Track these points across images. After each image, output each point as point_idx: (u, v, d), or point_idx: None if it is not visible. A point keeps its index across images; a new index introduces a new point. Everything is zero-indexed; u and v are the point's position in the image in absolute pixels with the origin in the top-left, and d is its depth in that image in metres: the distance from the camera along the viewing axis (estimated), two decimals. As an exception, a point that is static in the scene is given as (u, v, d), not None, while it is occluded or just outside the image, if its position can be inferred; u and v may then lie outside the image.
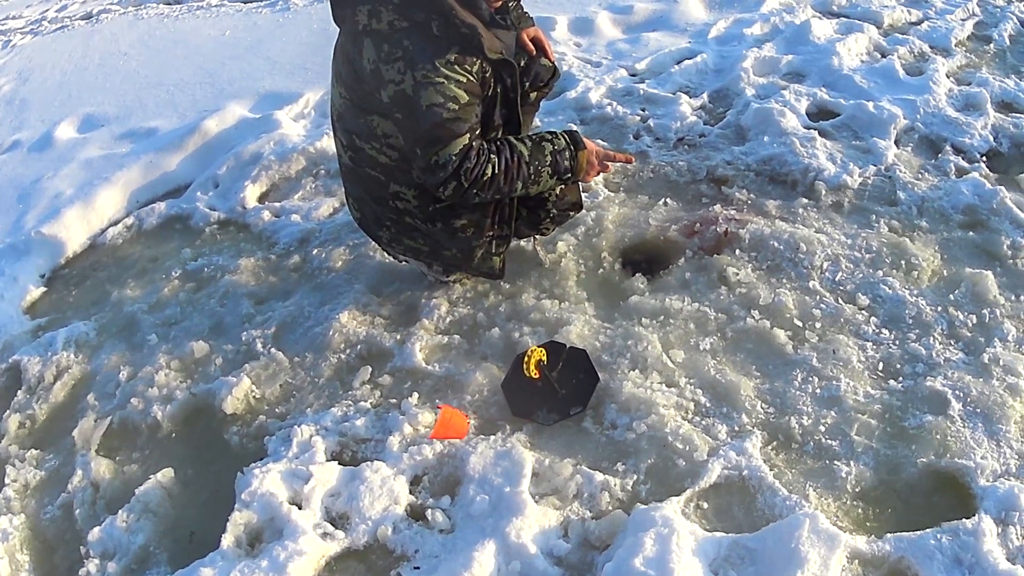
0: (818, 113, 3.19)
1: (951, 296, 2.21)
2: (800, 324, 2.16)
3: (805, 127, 3.03)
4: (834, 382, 1.98)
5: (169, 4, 6.34)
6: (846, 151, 2.89)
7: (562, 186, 2.14)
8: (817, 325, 2.15)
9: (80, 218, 3.18)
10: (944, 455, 1.78)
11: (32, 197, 3.37)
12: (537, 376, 1.95)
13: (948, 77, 3.34)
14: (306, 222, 2.93)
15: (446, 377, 2.14)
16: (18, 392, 2.41)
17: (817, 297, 2.24)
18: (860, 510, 1.71)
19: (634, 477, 1.81)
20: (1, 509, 2.04)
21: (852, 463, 1.78)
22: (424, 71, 1.77)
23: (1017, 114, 3.07)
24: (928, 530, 1.60)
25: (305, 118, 3.78)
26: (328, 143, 3.29)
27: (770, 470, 1.77)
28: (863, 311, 2.18)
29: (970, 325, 2.11)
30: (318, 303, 2.49)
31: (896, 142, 2.93)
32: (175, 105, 4.10)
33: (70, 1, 7.12)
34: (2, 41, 6.19)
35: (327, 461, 1.92)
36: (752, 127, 3.07)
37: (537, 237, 2.47)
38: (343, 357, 2.27)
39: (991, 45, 3.69)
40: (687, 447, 1.83)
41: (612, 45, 4.08)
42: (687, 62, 3.68)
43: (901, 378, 1.99)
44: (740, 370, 2.06)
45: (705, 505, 1.74)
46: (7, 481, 2.12)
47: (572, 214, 2.36)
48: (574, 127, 2.78)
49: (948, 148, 2.87)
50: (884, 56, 3.58)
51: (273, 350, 2.32)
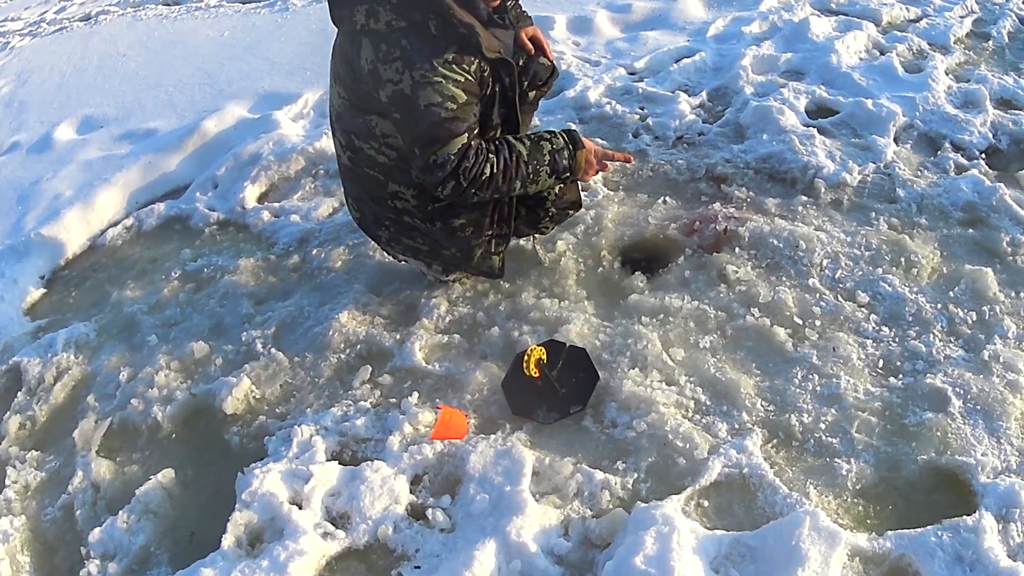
0: (817, 111, 3.18)
1: (951, 293, 2.21)
2: (800, 322, 2.16)
3: (804, 125, 3.03)
4: (834, 380, 1.98)
5: (168, 5, 6.33)
6: (845, 149, 2.89)
7: (561, 185, 2.14)
8: (817, 323, 2.15)
9: (80, 219, 3.18)
10: (944, 452, 1.78)
11: (31, 199, 3.37)
12: (537, 375, 1.95)
13: (947, 74, 3.34)
14: (305, 222, 2.93)
15: (446, 376, 2.14)
16: (18, 393, 2.41)
17: (817, 295, 2.24)
18: (861, 507, 1.71)
19: (634, 475, 1.81)
20: (2, 510, 2.04)
21: (852, 460, 1.78)
22: (422, 71, 1.77)
23: (1016, 111, 3.07)
24: (929, 527, 1.60)
25: (304, 118, 3.78)
26: (327, 143, 3.28)
27: (770, 468, 1.77)
28: (863, 308, 2.18)
29: (970, 322, 2.11)
30: (318, 303, 2.49)
31: (895, 139, 2.93)
32: (174, 106, 4.10)
33: (69, 3, 7.11)
34: (1, 43, 6.18)
35: (327, 461, 1.92)
36: (751, 125, 3.07)
37: (536, 236, 2.47)
38: (343, 357, 2.27)
39: (990, 42, 3.69)
40: (687, 445, 1.83)
41: (611, 44, 4.07)
42: (686, 60, 3.68)
43: (901, 375, 1.99)
44: (740, 368, 2.06)
45: (706, 503, 1.74)
46: (8, 482, 2.12)
47: (571, 213, 2.36)
48: (573, 126, 2.79)
49: (947, 145, 2.87)
50: (883, 54, 3.57)
51: (273, 350, 2.32)
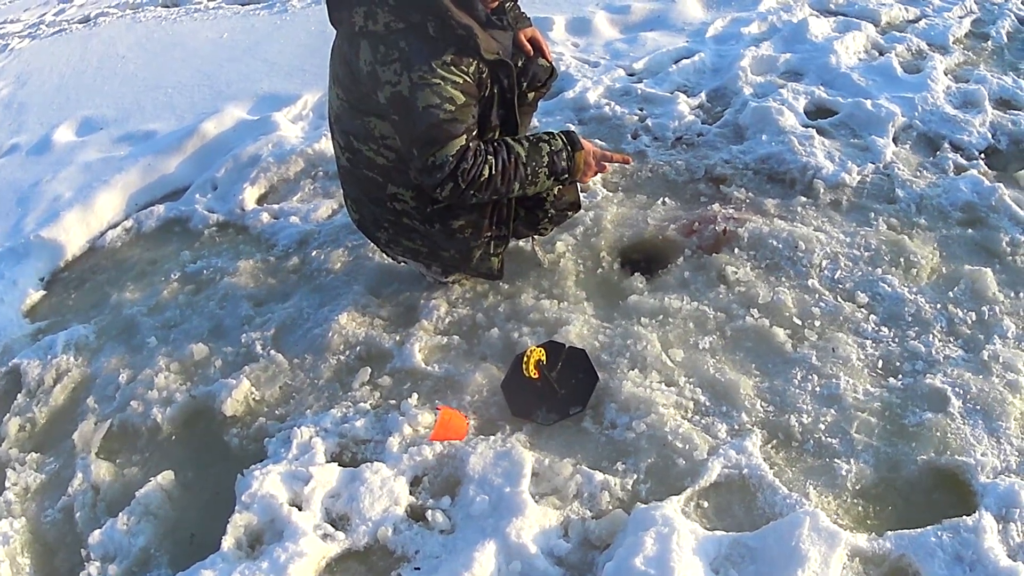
0: (816, 111, 3.18)
1: (950, 293, 2.21)
2: (799, 322, 2.16)
3: (803, 125, 3.02)
4: (834, 380, 1.98)
5: (167, 7, 6.33)
6: (844, 149, 2.89)
7: (560, 186, 2.14)
8: (816, 323, 2.15)
9: (79, 221, 3.18)
10: (944, 452, 1.78)
11: (31, 200, 3.37)
12: (536, 376, 1.95)
13: (946, 75, 3.34)
14: (305, 224, 2.92)
15: (445, 378, 2.14)
16: (18, 395, 2.41)
17: (816, 295, 2.24)
18: (860, 508, 1.71)
19: (634, 476, 1.81)
20: (2, 512, 2.04)
21: (852, 461, 1.78)
22: (420, 72, 1.77)
23: (1015, 111, 3.07)
24: (929, 527, 1.61)
25: (303, 120, 3.78)
26: (326, 145, 3.28)
27: (770, 468, 1.77)
28: (862, 309, 2.18)
29: (969, 322, 2.11)
30: (317, 304, 2.49)
31: (894, 140, 2.92)
32: (173, 108, 4.10)
33: (68, 4, 7.11)
34: (0, 45, 6.18)
35: (327, 462, 1.92)
36: (750, 126, 3.07)
37: (536, 237, 2.47)
38: (342, 358, 2.27)
39: (989, 42, 3.68)
40: (687, 446, 1.83)
41: (610, 45, 4.07)
42: (685, 61, 3.67)
43: (901, 376, 1.99)
44: (739, 369, 2.06)
45: (705, 504, 1.74)
46: (7, 484, 2.12)
47: (570, 214, 2.36)
48: (571, 127, 2.78)
49: (946, 145, 2.87)
50: (882, 54, 3.57)
51: (272, 352, 2.32)
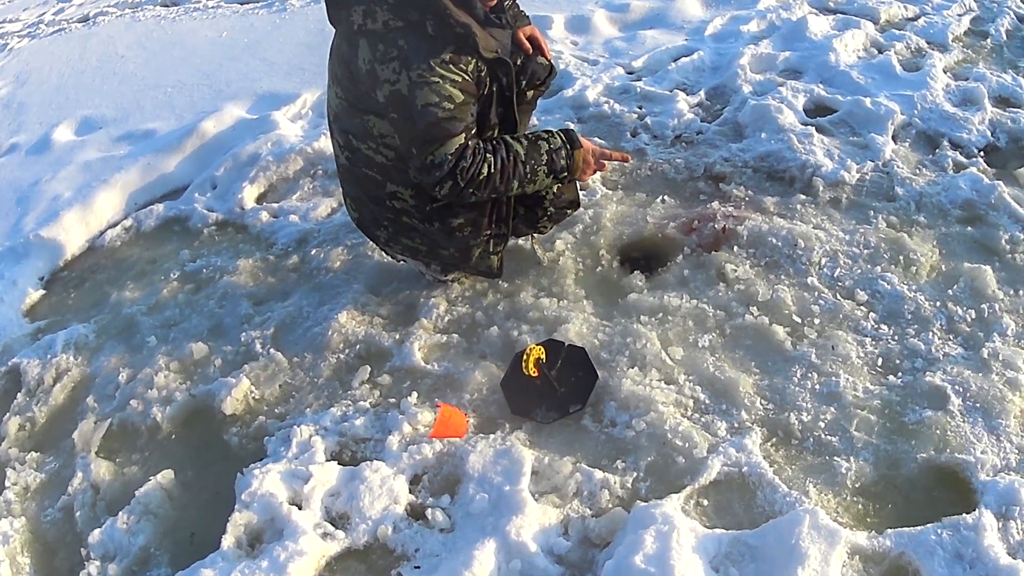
0: (815, 109, 3.18)
1: (950, 291, 2.21)
2: (799, 320, 2.16)
3: (802, 123, 3.02)
4: (833, 378, 1.98)
5: (166, 6, 6.32)
6: (844, 147, 2.89)
7: (559, 184, 2.14)
8: (816, 321, 2.15)
9: (79, 220, 3.17)
10: (944, 450, 1.78)
11: (30, 200, 3.36)
12: (536, 374, 1.95)
13: (945, 72, 3.34)
14: (304, 222, 2.92)
15: (445, 376, 2.14)
16: (18, 395, 2.41)
17: (816, 293, 2.24)
18: (860, 506, 1.71)
19: (634, 474, 1.81)
20: (2, 512, 2.04)
21: (852, 459, 1.79)
22: (419, 71, 1.77)
23: (1014, 109, 3.07)
24: (929, 525, 1.61)
25: (303, 119, 3.77)
26: (326, 143, 3.28)
27: (770, 466, 1.77)
28: (862, 307, 2.18)
29: (969, 320, 2.11)
30: (317, 303, 2.49)
31: (894, 138, 2.92)
32: (172, 107, 4.09)
33: (67, 4, 7.10)
34: (-1, 44, 6.18)
35: (327, 461, 1.92)
36: (749, 124, 3.07)
37: (535, 235, 2.47)
38: (342, 357, 2.27)
39: (988, 40, 3.68)
40: (687, 444, 1.83)
41: (609, 43, 4.07)
42: (684, 59, 3.67)
43: (900, 373, 1.99)
44: (739, 367, 2.06)
45: (705, 502, 1.74)
46: (7, 484, 2.12)
47: (570, 212, 2.36)
48: (571, 125, 2.79)
49: (946, 143, 2.87)
50: (881, 52, 3.57)
51: (272, 351, 2.32)
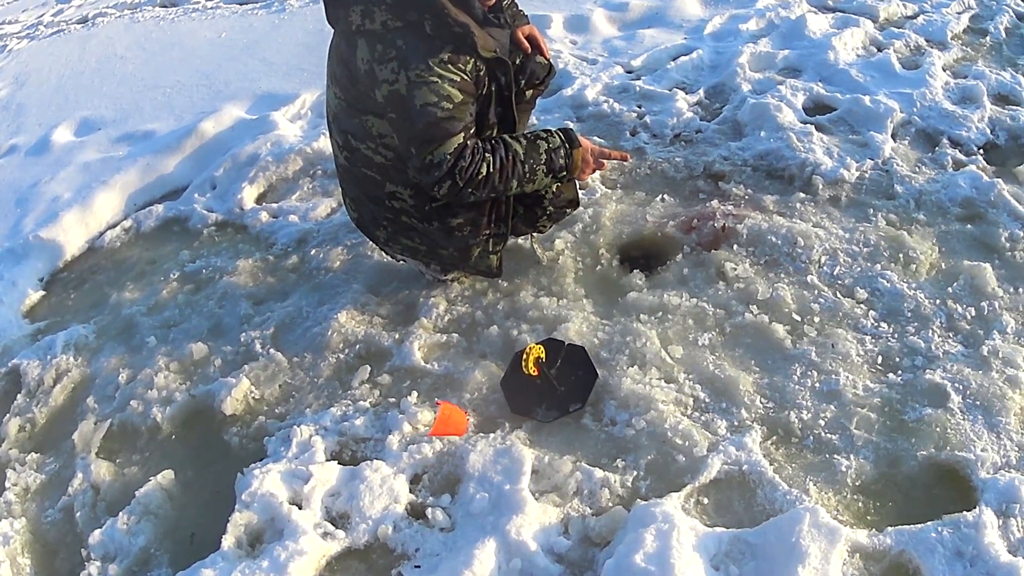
0: (814, 108, 3.18)
1: (949, 289, 2.21)
2: (799, 318, 2.16)
3: (802, 122, 3.02)
4: (833, 376, 1.98)
5: (165, 7, 6.32)
6: (843, 145, 2.89)
7: (558, 184, 2.14)
8: (816, 319, 2.15)
9: (78, 221, 3.17)
10: (944, 448, 1.78)
11: (30, 201, 3.37)
12: (536, 373, 1.95)
13: (944, 70, 3.34)
14: (304, 222, 2.92)
15: (445, 375, 2.14)
16: (18, 396, 2.41)
17: (815, 291, 2.24)
18: (860, 504, 1.71)
19: (634, 473, 1.81)
20: (2, 513, 2.04)
21: (852, 457, 1.79)
22: (418, 70, 1.77)
23: (1013, 106, 3.07)
24: (929, 523, 1.61)
25: (302, 119, 3.77)
26: (325, 143, 3.28)
27: (770, 465, 1.77)
28: (861, 305, 2.18)
29: (969, 317, 2.11)
30: (316, 303, 2.49)
31: (893, 136, 2.92)
32: (172, 107, 4.09)
33: (66, 5, 7.10)
34: (-2, 46, 6.18)
35: (327, 461, 1.92)
36: (748, 122, 3.07)
37: (534, 235, 2.47)
38: (342, 357, 2.27)
39: (987, 38, 3.69)
40: (687, 443, 1.83)
41: (608, 42, 4.07)
42: (683, 58, 3.68)
43: (900, 371, 1.99)
44: (739, 365, 2.06)
45: (705, 500, 1.74)
46: (8, 485, 2.12)
47: (569, 211, 2.36)
48: (570, 124, 2.79)
49: (945, 141, 2.87)
50: (880, 50, 3.57)
51: (272, 351, 2.32)
